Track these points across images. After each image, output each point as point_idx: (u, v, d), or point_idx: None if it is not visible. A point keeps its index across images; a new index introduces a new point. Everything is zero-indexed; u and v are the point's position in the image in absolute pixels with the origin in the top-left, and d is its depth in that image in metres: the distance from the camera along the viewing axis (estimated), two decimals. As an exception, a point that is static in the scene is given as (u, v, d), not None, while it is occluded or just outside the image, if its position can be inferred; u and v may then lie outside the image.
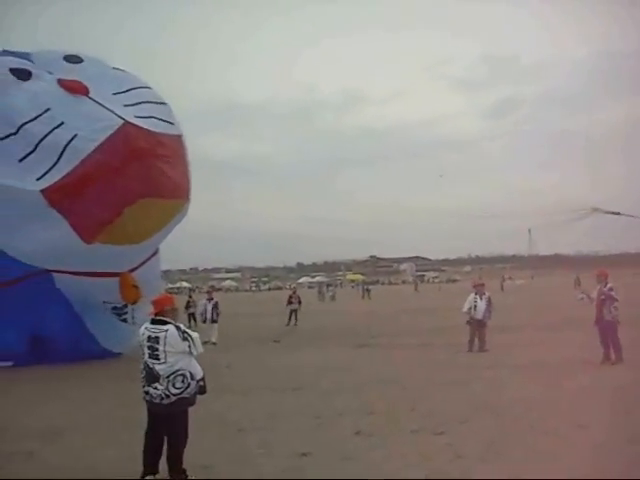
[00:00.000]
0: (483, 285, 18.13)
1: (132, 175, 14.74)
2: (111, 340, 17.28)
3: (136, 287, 16.63)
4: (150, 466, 6.88)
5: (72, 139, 14.53)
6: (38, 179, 14.34)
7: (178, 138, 16.58)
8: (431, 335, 21.12)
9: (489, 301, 17.22)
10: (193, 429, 6.99)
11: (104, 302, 17.00)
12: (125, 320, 17.36)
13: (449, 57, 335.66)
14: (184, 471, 6.79)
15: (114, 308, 17.27)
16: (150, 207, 15.22)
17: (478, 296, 17.18)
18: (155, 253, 18.15)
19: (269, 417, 9.95)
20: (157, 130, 15.59)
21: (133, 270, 16.91)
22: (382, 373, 13.81)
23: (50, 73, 15.99)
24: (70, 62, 16.82)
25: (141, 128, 15.13)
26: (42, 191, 14.28)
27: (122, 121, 14.85)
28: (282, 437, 8.71)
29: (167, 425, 6.83)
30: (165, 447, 6.87)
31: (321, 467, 7.31)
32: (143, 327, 6.96)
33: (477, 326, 16.85)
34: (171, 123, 16.44)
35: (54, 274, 16.15)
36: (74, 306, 16.69)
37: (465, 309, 17.22)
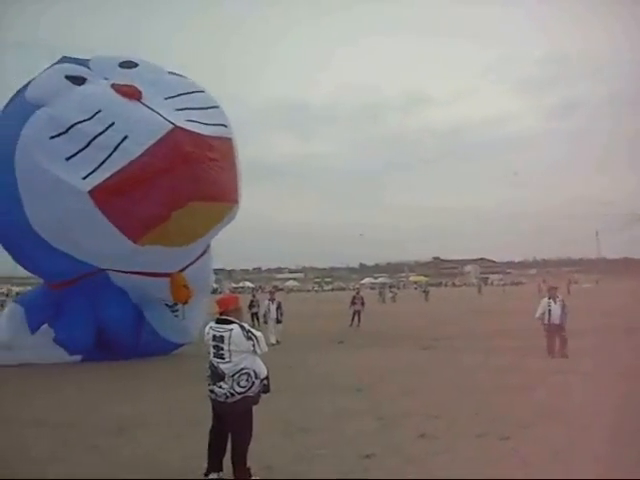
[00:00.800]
0: (557, 289, 17.68)
1: (180, 178, 14.87)
2: (168, 330, 17.66)
3: (186, 287, 16.90)
4: (214, 464, 6.93)
5: (121, 141, 14.74)
6: (84, 178, 14.58)
7: (229, 141, 16.64)
8: (495, 338, 20.81)
9: (563, 304, 16.74)
10: (257, 428, 7.00)
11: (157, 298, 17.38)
12: (177, 317, 17.72)
13: (511, 58, 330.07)
14: (248, 470, 6.80)
15: (167, 305, 17.62)
16: (199, 210, 15.33)
17: (552, 300, 16.73)
18: (205, 252, 18.31)
19: (332, 417, 9.92)
20: (207, 133, 15.69)
21: (183, 270, 17.13)
22: (446, 376, 13.67)
23: (106, 79, 16.32)
24: (125, 67, 17.13)
25: (191, 132, 15.25)
26: (90, 192, 14.52)
27: (171, 125, 15.01)
28: (345, 438, 8.67)
29: (231, 423, 6.86)
30: (229, 445, 6.90)
31: (385, 469, 7.26)
32: (208, 326, 7.01)
33: (555, 331, 16.44)
34: (223, 126, 16.53)
35: (109, 272, 16.56)
36: (132, 299, 17.10)
37: (538, 314, 16.79)
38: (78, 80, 16.15)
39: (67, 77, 16.13)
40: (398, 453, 7.86)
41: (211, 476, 6.88)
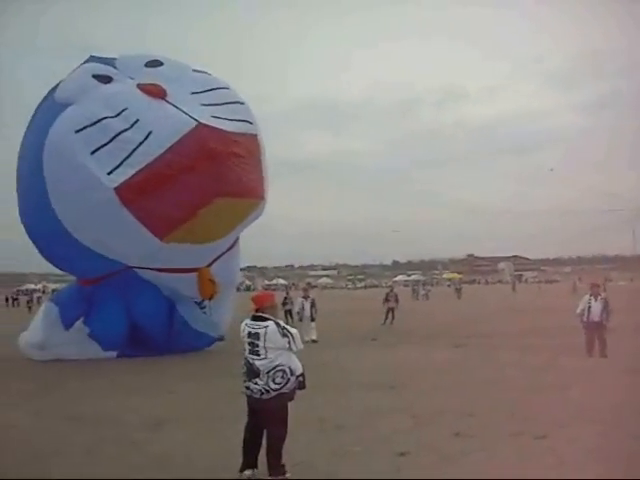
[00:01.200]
0: (599, 286, 17.33)
1: (205, 175, 14.98)
2: (200, 322, 17.77)
3: (212, 281, 17.01)
4: (249, 460, 6.96)
5: (145, 138, 14.90)
6: (109, 173, 14.73)
7: (254, 137, 16.73)
8: (530, 336, 20.63)
9: (605, 302, 16.35)
10: (291, 425, 7.02)
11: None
12: (205, 314, 17.87)
13: (545, 53, 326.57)
14: (283, 466, 6.82)
15: (194, 302, 17.77)
16: (225, 207, 15.43)
17: (593, 297, 16.38)
18: (233, 246, 18.39)
19: (367, 415, 9.91)
20: (232, 130, 15.77)
21: (210, 264, 17.25)
22: (480, 374, 13.57)
23: (131, 78, 16.51)
24: (150, 67, 17.30)
25: (215, 128, 15.36)
26: (115, 189, 14.67)
27: (195, 123, 15.11)
28: (379, 435, 8.66)
29: (267, 420, 6.88)
30: (264, 442, 6.93)
31: (419, 467, 7.23)
32: (243, 323, 7.04)
33: (594, 329, 16.15)
34: (249, 122, 16.61)
35: (138, 270, 16.74)
36: (163, 292, 17.27)
37: (579, 310, 16.55)
38: (105, 79, 16.39)
39: (94, 76, 16.37)
40: (432, 451, 7.83)
41: (246, 472, 6.92)
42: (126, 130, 15.03)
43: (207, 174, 15.01)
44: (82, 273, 18.22)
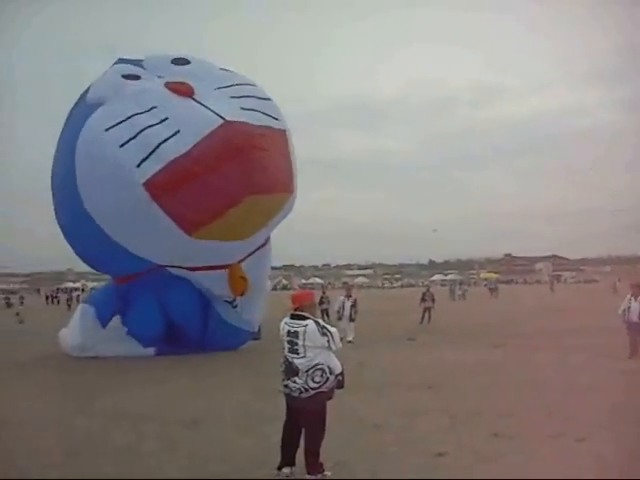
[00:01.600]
0: (639, 286, 17.02)
1: (234, 172, 15.14)
2: (232, 316, 17.88)
3: (244, 278, 17.06)
4: (287, 458, 7.00)
5: (173, 135, 15.05)
6: (138, 165, 14.88)
7: (282, 133, 16.86)
8: (568, 336, 20.37)
9: None
10: (330, 424, 7.04)
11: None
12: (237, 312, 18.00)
13: (582, 50, 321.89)
14: (321, 465, 6.85)
15: (226, 301, 17.88)
16: (254, 204, 15.53)
17: (633, 297, 16.11)
18: (264, 244, 18.45)
19: (404, 414, 9.90)
20: (260, 124, 15.91)
21: (241, 261, 17.33)
22: (518, 374, 13.49)
23: (159, 77, 16.71)
24: (177, 64, 17.52)
25: (242, 124, 15.49)
26: (145, 184, 14.82)
27: (222, 120, 15.25)
28: (417, 435, 8.66)
29: (305, 418, 6.92)
30: (302, 440, 6.96)
31: (457, 468, 7.23)
32: (283, 322, 7.07)
33: (636, 329, 15.85)
34: (275, 118, 16.71)
35: (169, 268, 16.88)
36: (196, 286, 17.40)
37: (620, 311, 16.33)
38: (133, 78, 16.67)
39: (123, 76, 16.68)
40: (470, 452, 7.80)
41: (284, 470, 6.96)
42: (153, 125, 15.23)
43: (235, 171, 15.16)
44: (115, 272, 18.54)
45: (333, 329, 6.96)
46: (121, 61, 17.85)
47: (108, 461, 7.79)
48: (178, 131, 15.13)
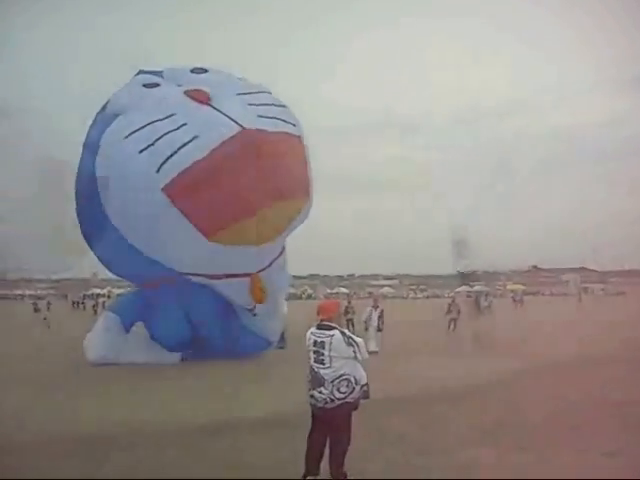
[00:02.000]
0: None
1: (252, 176, 15.28)
2: (252, 324, 17.98)
3: (263, 290, 17.12)
4: (311, 467, 7.01)
5: (191, 140, 15.17)
6: (157, 171, 15.01)
7: (298, 139, 16.97)
8: (595, 348, 20.20)
9: None
10: (355, 434, 7.05)
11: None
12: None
13: (622, 58, 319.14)
14: (345, 474, 6.86)
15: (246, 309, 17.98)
16: (273, 208, 15.66)
17: None
18: (280, 255, 18.52)
19: (430, 425, 9.91)
20: (277, 130, 16.03)
21: (261, 271, 17.39)
22: (547, 389, 13.38)
23: (179, 85, 16.95)
24: (196, 73, 17.77)
25: (259, 130, 15.64)
26: (164, 189, 14.94)
27: (240, 127, 15.37)
28: (443, 447, 8.64)
29: (330, 428, 6.93)
30: (327, 450, 6.97)
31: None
32: (309, 332, 7.08)
33: None
34: (291, 124, 16.86)
35: (190, 276, 16.95)
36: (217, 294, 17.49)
37: None
38: (153, 86, 16.93)
39: (144, 85, 16.95)
40: (495, 464, 7.79)
41: (308, 478, 6.96)
42: (172, 131, 15.40)
43: (253, 176, 15.34)
44: (135, 278, 18.78)
45: (359, 339, 6.96)
46: (141, 72, 18.15)
47: (127, 466, 7.84)
48: (197, 136, 15.28)
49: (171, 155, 15.07)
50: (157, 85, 17.25)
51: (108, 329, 18.05)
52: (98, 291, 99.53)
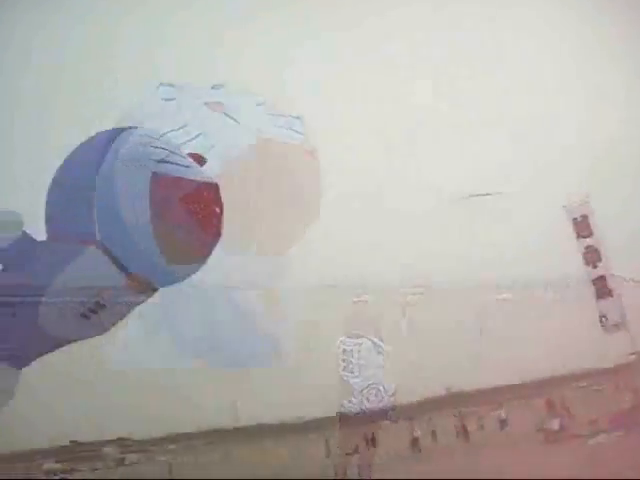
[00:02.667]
0: None
1: (267, 186, 15.24)
2: (269, 330, 17.94)
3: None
4: (341, 473, 6.98)
5: (208, 150, 15.22)
6: (173, 181, 15.06)
7: (311, 150, 16.98)
8: None
9: None
10: (382, 443, 7.01)
11: None
12: None
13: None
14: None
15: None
16: (284, 220, 15.63)
17: None
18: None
19: (459, 436, 9.76)
20: (291, 141, 16.04)
21: None
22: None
23: (197, 98, 17.01)
24: (214, 88, 17.83)
25: (274, 142, 15.63)
26: (181, 199, 14.97)
27: (255, 137, 15.42)
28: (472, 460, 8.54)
29: (359, 436, 6.90)
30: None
31: None
32: (339, 340, 7.07)
33: None
34: (304, 135, 16.88)
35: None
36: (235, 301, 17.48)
37: None
38: (171, 99, 16.98)
39: (162, 99, 17.02)
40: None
41: (337, 480, 6.95)
42: (188, 141, 15.47)
43: (268, 186, 15.32)
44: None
45: (389, 348, 6.94)
46: (161, 85, 18.25)
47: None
48: (213, 146, 15.34)
49: (187, 166, 15.15)
50: (174, 99, 17.24)
51: (128, 331, 18.03)
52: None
